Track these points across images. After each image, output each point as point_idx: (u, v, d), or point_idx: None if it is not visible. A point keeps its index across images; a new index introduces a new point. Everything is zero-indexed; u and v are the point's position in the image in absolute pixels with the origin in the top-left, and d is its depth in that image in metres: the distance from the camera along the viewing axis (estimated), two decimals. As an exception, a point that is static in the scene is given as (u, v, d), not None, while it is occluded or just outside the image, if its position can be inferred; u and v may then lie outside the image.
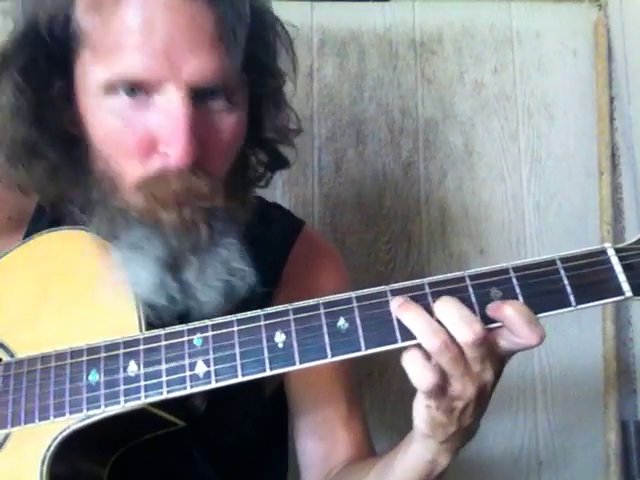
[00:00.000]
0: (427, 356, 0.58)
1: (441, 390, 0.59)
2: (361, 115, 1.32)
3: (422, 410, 0.61)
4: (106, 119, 0.66)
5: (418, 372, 0.58)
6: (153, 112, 0.65)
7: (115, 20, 0.62)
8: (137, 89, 0.64)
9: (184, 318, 0.67)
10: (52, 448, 0.64)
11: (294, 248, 0.89)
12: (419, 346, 0.59)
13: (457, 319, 0.58)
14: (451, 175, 1.33)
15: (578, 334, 1.30)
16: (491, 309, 0.60)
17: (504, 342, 0.60)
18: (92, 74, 0.65)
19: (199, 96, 0.65)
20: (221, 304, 0.68)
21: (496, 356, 0.60)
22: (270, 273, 0.80)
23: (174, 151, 0.63)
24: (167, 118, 0.64)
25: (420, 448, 0.64)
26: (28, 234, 0.79)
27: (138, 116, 0.65)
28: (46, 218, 0.80)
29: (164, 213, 0.66)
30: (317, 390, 0.85)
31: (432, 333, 0.58)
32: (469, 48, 1.36)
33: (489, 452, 1.27)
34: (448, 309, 0.59)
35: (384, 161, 1.31)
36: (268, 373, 0.61)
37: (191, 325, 0.65)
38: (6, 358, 0.69)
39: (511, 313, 0.58)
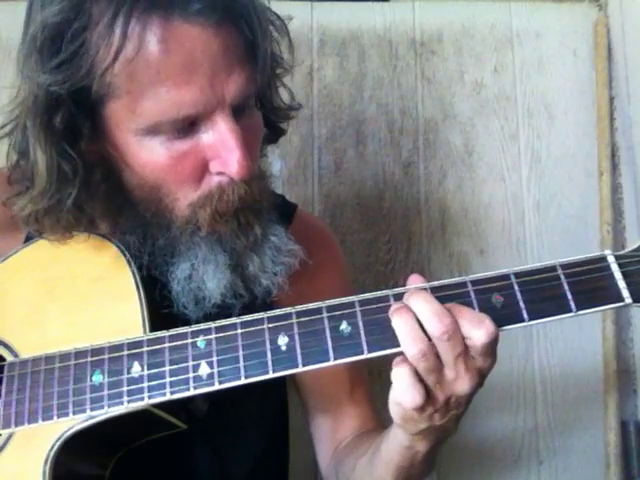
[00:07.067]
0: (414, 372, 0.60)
1: None
2: (361, 115, 1.32)
3: (394, 406, 0.62)
4: (152, 155, 0.66)
5: (403, 388, 0.60)
6: (203, 139, 0.66)
7: (155, 61, 0.61)
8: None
9: (251, 306, 0.71)
10: (55, 448, 0.64)
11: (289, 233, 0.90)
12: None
13: (428, 314, 0.59)
14: (451, 175, 1.33)
15: (578, 334, 1.30)
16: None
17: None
18: (132, 117, 0.64)
19: (238, 110, 0.67)
20: (281, 283, 0.74)
21: (472, 364, 0.61)
22: None
23: (233, 170, 0.66)
24: (219, 141, 0.65)
25: (398, 434, 0.67)
26: (30, 234, 0.79)
27: (186, 146, 0.66)
28: None
29: (224, 225, 0.70)
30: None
31: (412, 340, 0.59)
32: (469, 48, 1.35)
33: (489, 452, 1.27)
34: (419, 303, 0.60)
35: (384, 161, 1.31)
36: (271, 375, 0.62)
37: (195, 327, 0.65)
38: (10, 358, 0.70)
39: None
